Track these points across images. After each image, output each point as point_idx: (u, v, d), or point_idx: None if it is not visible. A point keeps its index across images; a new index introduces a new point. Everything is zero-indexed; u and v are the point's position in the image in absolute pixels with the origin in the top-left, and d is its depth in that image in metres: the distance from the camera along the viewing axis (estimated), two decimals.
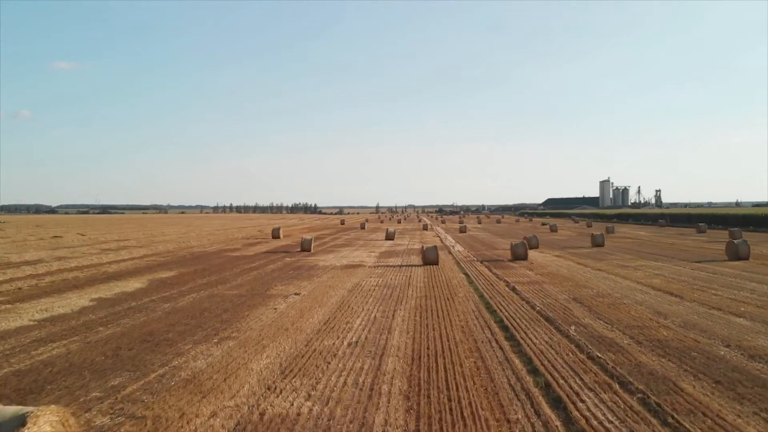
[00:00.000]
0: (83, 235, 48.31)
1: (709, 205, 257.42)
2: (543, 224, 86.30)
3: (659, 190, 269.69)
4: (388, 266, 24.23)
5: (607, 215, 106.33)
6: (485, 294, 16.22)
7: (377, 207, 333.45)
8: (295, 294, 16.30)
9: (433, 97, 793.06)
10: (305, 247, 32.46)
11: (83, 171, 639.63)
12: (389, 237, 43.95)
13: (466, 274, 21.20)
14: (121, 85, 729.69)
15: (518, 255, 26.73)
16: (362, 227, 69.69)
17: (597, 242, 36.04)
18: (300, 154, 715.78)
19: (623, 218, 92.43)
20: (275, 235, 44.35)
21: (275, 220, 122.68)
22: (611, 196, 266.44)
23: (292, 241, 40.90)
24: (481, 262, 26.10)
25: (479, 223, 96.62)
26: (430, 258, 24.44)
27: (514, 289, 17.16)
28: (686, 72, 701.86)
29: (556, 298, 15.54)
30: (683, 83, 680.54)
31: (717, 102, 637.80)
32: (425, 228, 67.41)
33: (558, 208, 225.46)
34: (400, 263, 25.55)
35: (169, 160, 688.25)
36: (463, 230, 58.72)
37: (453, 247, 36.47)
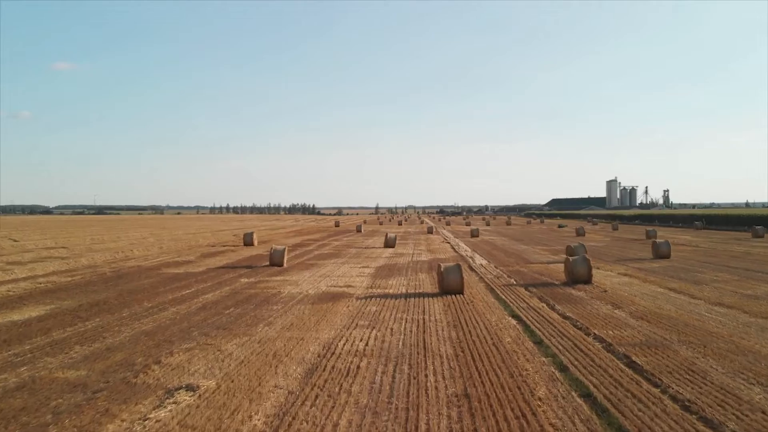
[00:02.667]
0: (16, 241, 39.78)
1: (713, 205, 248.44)
2: (560, 226, 77.78)
3: (667, 190, 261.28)
4: (386, 297, 15.69)
5: (626, 216, 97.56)
6: (593, 387, 7.66)
7: (377, 208, 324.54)
8: (188, 389, 7.73)
9: (433, 97, 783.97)
10: (275, 260, 23.94)
11: (83, 172, 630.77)
12: (389, 244, 35.44)
13: (518, 318, 12.66)
14: (121, 85, 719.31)
15: (578, 276, 18.20)
16: (358, 230, 61.20)
17: (661, 253, 27.54)
18: (300, 155, 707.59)
19: (647, 219, 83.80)
20: (248, 241, 35.82)
21: (267, 222, 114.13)
22: (618, 196, 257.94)
23: (266, 250, 32.38)
24: (526, 288, 17.55)
25: (488, 225, 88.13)
26: (451, 284, 15.90)
27: (632, 365, 8.70)
28: (687, 73, 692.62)
29: (759, 405, 7.01)
30: (684, 84, 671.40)
31: (719, 103, 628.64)
32: (430, 231, 58.92)
33: (564, 208, 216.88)
34: (404, 290, 17.02)
35: (170, 160, 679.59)
36: (474, 234, 50.22)
37: (472, 258, 27.94)
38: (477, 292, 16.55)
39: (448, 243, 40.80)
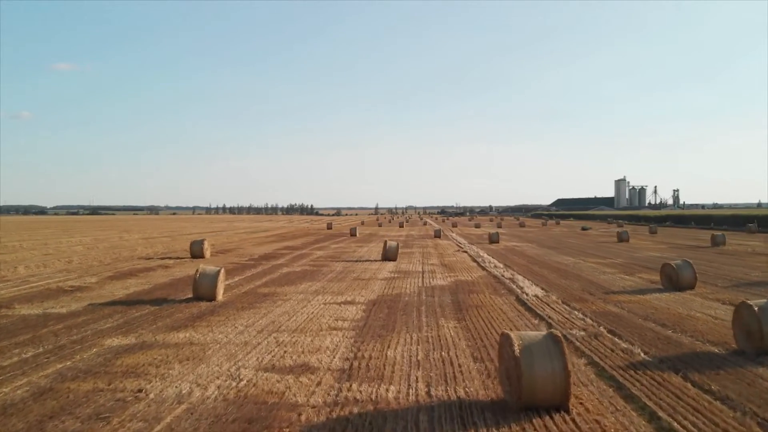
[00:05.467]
0: None
1: (716, 206, 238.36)
2: (583, 229, 68.48)
3: (677, 190, 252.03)
4: (381, 423, 6.38)
5: (651, 217, 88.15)
6: None
7: (376, 208, 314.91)
8: None
9: (433, 97, 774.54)
10: (201, 291, 14.67)
11: (84, 172, 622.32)
12: (389, 255, 26.13)
13: None
14: (121, 86, 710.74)
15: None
16: (352, 234, 51.83)
17: None
18: (300, 155, 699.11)
19: (679, 221, 74.43)
20: (196, 252, 26.40)
21: (257, 223, 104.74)
22: (627, 196, 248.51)
23: (215, 266, 23.16)
24: (683, 373, 8.18)
25: (499, 227, 78.76)
26: (542, 388, 6.54)
27: None
28: (688, 73, 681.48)
29: None
30: (686, 84, 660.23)
31: (722, 103, 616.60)
32: (437, 235, 49.58)
33: (571, 208, 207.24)
34: (423, 386, 7.67)
35: (171, 161, 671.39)
36: (493, 240, 40.84)
37: (512, 280, 18.57)
38: (593, 397, 7.21)
39: (465, 252, 31.49)
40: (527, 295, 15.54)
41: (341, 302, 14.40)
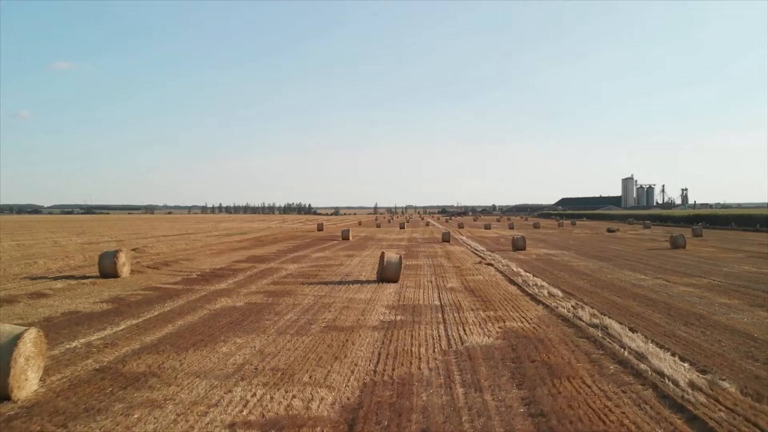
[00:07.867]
0: None
1: (717, 205, 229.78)
2: (609, 230, 60.51)
3: (686, 189, 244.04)
4: None
5: (678, 217, 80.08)
6: None
7: (375, 208, 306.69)
8: None
9: (434, 98, 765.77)
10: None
11: (83, 171, 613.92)
12: (387, 274, 18.10)
13: None
14: (120, 85, 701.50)
15: None
16: (344, 237, 43.73)
17: None
18: (300, 155, 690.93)
19: (715, 222, 66.40)
20: (107, 269, 18.13)
21: (247, 223, 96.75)
22: (635, 195, 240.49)
23: (127, 292, 15.14)
24: None
25: (511, 228, 70.87)
26: None
27: None
28: (688, 72, 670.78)
29: None
30: (686, 84, 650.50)
31: (723, 103, 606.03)
32: (446, 239, 41.48)
33: (578, 208, 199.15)
34: None
35: (170, 161, 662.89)
36: (519, 246, 32.83)
37: (603, 329, 10.50)
38: None
39: (491, 265, 23.44)
40: (674, 384, 7.45)
41: (276, 418, 6.30)
